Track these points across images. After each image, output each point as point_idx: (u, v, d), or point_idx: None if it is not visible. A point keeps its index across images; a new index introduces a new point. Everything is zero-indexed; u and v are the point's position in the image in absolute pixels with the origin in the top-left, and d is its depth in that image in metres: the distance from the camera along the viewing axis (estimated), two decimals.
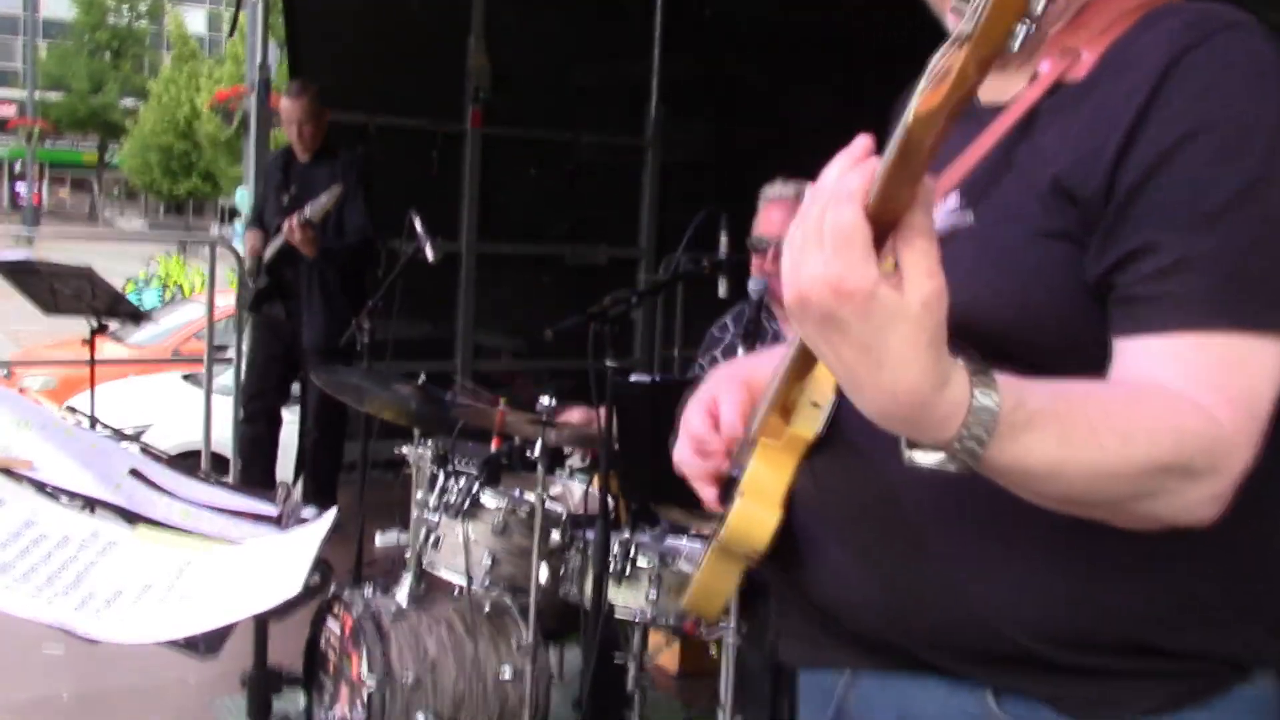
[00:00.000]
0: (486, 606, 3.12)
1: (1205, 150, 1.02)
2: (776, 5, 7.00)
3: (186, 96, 38.54)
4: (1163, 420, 0.98)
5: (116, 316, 5.39)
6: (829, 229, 0.87)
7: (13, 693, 3.89)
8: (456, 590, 3.20)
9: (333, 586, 3.10)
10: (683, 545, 2.96)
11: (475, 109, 6.67)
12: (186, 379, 7.62)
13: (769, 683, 2.77)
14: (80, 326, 5.30)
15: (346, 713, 3.04)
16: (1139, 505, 0.99)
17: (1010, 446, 0.94)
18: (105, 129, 46.82)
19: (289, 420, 5.77)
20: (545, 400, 2.99)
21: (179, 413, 6.90)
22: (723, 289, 2.96)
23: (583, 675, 2.94)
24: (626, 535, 2.84)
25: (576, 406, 3.17)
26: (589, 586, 2.80)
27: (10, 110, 45.94)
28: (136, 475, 1.50)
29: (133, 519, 1.38)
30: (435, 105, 6.62)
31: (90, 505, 1.38)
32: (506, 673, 3.03)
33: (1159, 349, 1.02)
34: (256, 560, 1.32)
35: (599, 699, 2.88)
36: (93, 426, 4.97)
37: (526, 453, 3.13)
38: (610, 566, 2.78)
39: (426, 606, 3.13)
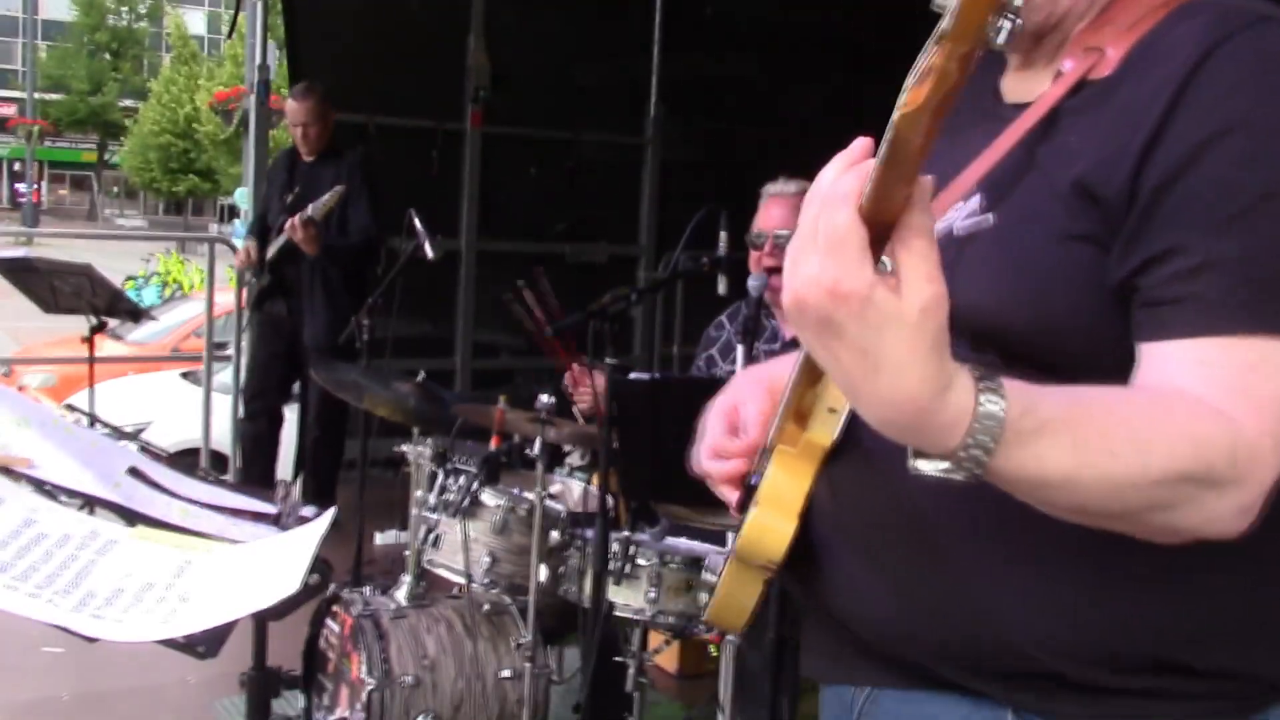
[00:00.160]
0: (486, 606, 3.12)
1: (1232, 150, 0.99)
2: (776, 4, 7.00)
3: (187, 97, 38.61)
4: (1182, 427, 0.95)
5: (116, 314, 5.39)
6: (823, 232, 0.86)
7: (13, 693, 3.89)
8: (456, 589, 3.20)
9: (332, 586, 3.10)
10: (682, 544, 2.96)
11: (475, 108, 6.67)
12: (185, 377, 7.61)
13: (769, 683, 2.77)
14: (79, 324, 5.30)
15: (346, 713, 3.03)
16: (1158, 517, 0.96)
17: (1018, 455, 0.91)
18: (104, 129, 46.88)
19: (289, 418, 5.77)
20: (545, 399, 2.99)
21: (178, 410, 6.90)
22: (722, 287, 2.96)
23: (582, 675, 2.94)
24: (626, 534, 2.84)
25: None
26: (588, 585, 2.80)
27: (10, 110, 45.95)
28: (136, 474, 1.50)
29: (132, 518, 1.38)
30: (435, 104, 6.62)
31: (89, 504, 1.38)
32: (506, 672, 3.03)
33: (1182, 354, 0.98)
34: (256, 559, 1.32)
35: (599, 699, 2.87)
36: (92, 424, 4.98)
37: (526, 451, 3.12)
38: (610, 565, 2.77)
39: (426, 606, 3.13)
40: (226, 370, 6.32)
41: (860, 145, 0.89)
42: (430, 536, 3.14)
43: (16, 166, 46.49)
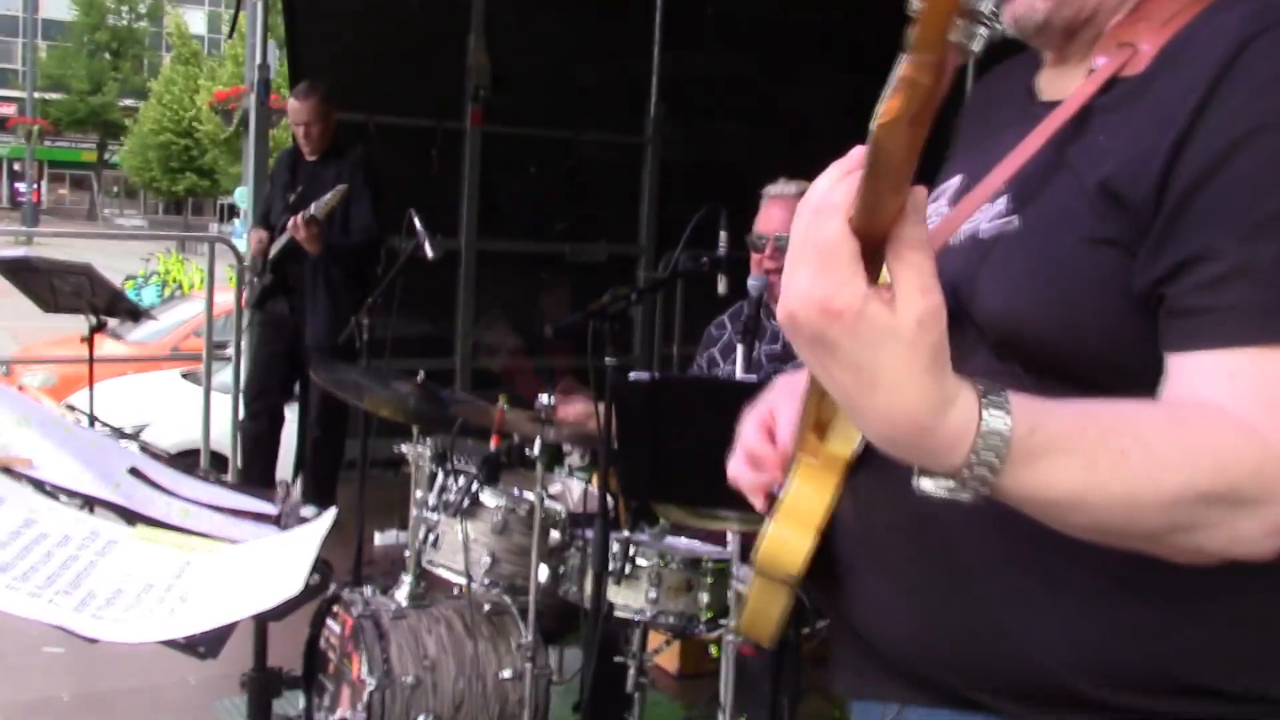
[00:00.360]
0: (486, 606, 3.12)
1: (1266, 149, 0.94)
2: (776, 4, 7.01)
3: (188, 99, 38.64)
4: (1204, 443, 0.90)
5: (116, 314, 5.38)
6: (814, 244, 0.83)
7: (13, 693, 3.89)
8: (456, 590, 3.19)
9: (332, 586, 3.09)
10: (682, 544, 2.96)
11: (475, 107, 6.68)
12: (185, 376, 7.61)
13: (769, 683, 2.76)
14: (79, 324, 5.30)
15: (347, 713, 3.03)
16: (1181, 538, 0.91)
17: (1027, 473, 0.87)
18: (104, 128, 46.90)
19: (289, 418, 5.77)
20: (545, 398, 2.98)
21: (178, 410, 6.90)
22: (722, 286, 2.95)
23: (583, 675, 2.94)
24: (626, 534, 2.84)
25: (579, 395, 3.16)
26: (588, 586, 2.80)
27: (10, 109, 45.95)
28: (136, 474, 1.50)
29: (132, 518, 1.38)
30: (435, 104, 6.62)
31: (90, 504, 1.38)
32: (506, 673, 3.03)
33: (1211, 366, 0.94)
34: (256, 560, 1.32)
35: (599, 699, 2.87)
36: (92, 424, 4.98)
37: (526, 451, 3.12)
38: (610, 565, 2.77)
39: (426, 606, 3.13)
40: (226, 370, 6.31)
41: (855, 155, 0.85)
42: (430, 537, 3.13)
43: (16, 166, 46.49)
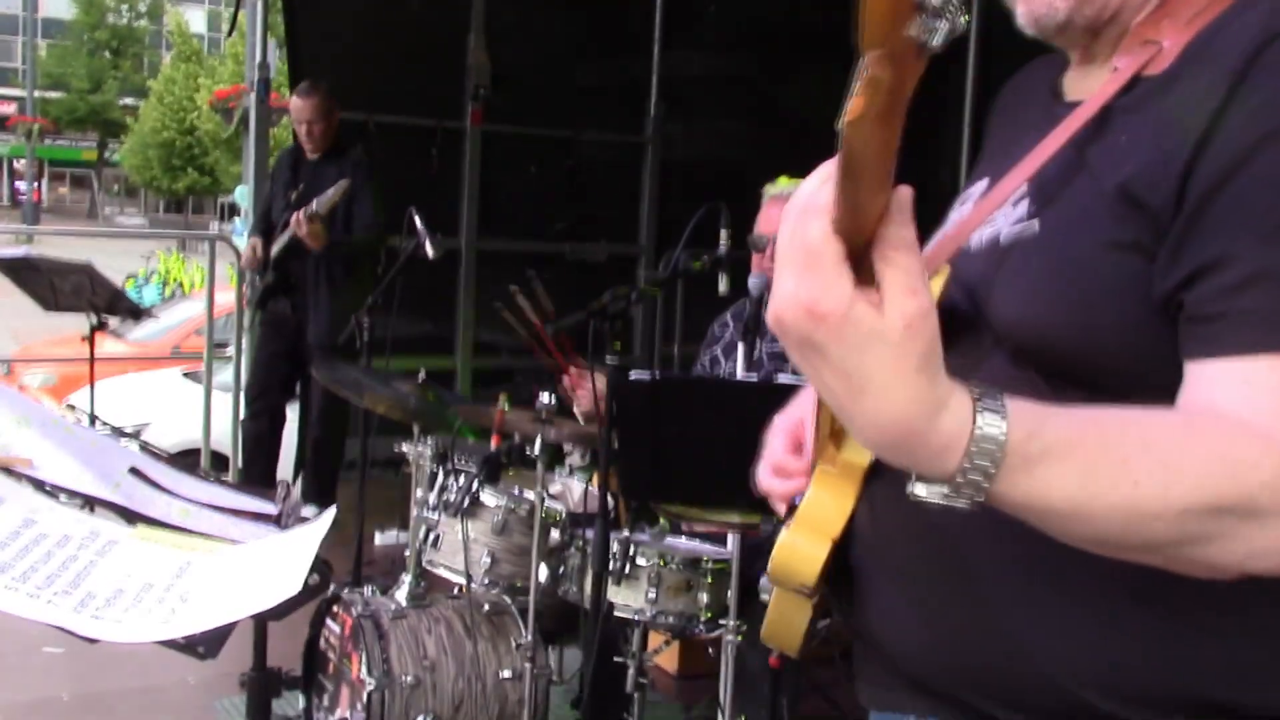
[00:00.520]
0: (486, 606, 3.12)
1: None
2: (777, 4, 7.00)
3: (187, 96, 38.64)
4: (1216, 452, 0.87)
5: (116, 313, 5.38)
6: (798, 246, 0.81)
7: (13, 693, 3.89)
8: (456, 589, 3.19)
9: (332, 586, 3.09)
10: (682, 544, 2.96)
11: (475, 106, 6.67)
12: (186, 376, 7.61)
13: (769, 683, 2.76)
14: (80, 323, 5.30)
15: (346, 713, 3.03)
16: (1192, 551, 0.88)
17: (1022, 481, 0.85)
18: (105, 127, 46.90)
19: (290, 418, 5.77)
20: (545, 398, 2.98)
21: (179, 410, 6.90)
22: (723, 286, 2.95)
23: (582, 675, 2.94)
24: (626, 534, 2.84)
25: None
26: (588, 586, 2.80)
27: (10, 108, 45.95)
28: (136, 473, 1.50)
29: (132, 518, 1.38)
30: (435, 103, 6.62)
31: (90, 504, 1.38)
32: (506, 673, 3.03)
33: (1229, 373, 0.91)
34: (256, 560, 1.32)
35: (598, 699, 2.87)
36: (92, 424, 4.98)
37: (526, 451, 3.12)
38: (610, 565, 2.77)
39: (426, 606, 3.13)
40: (227, 369, 6.32)
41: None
42: (430, 536, 3.13)
43: (16, 165, 46.46)
